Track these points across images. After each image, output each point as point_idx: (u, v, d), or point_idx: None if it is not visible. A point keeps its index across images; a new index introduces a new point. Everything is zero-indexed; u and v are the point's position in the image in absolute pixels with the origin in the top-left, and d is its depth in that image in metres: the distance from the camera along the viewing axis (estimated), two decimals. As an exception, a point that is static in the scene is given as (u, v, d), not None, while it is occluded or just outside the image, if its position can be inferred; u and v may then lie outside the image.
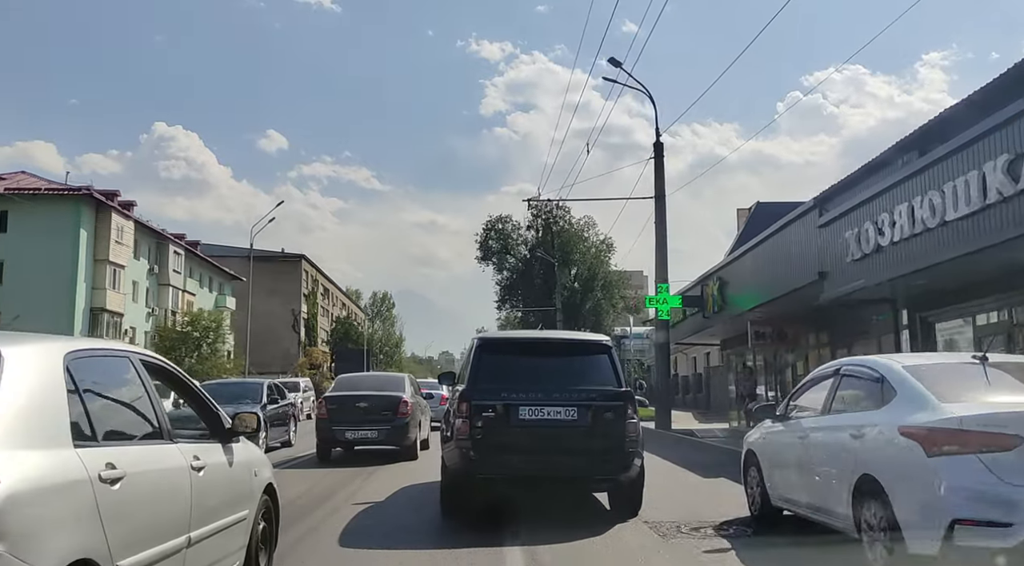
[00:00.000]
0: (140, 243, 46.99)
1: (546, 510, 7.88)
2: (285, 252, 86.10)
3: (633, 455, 7.44)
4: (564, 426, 7.29)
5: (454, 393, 8.43)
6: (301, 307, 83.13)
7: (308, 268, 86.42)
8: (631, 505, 7.73)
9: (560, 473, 7.44)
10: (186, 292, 51.06)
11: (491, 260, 61.67)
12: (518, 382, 7.46)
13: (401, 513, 8.29)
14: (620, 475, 7.41)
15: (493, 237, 61.50)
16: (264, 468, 5.10)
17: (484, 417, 7.23)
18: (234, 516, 4.36)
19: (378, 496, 9.28)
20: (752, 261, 16.23)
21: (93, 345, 3.72)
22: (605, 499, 8.34)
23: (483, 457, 7.21)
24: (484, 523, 7.26)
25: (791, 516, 7.07)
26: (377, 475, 11.50)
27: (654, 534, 7.00)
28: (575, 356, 8.18)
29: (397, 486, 10.13)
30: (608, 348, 8.10)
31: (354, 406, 13.37)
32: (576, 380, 7.67)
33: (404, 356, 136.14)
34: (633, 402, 7.64)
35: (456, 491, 7.67)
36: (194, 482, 3.85)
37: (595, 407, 7.34)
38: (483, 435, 7.22)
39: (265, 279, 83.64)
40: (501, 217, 61.92)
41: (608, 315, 61.45)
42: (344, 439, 13.47)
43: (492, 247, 61.66)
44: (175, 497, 3.68)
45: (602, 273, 60.82)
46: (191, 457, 3.92)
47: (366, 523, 7.61)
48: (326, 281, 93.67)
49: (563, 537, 6.66)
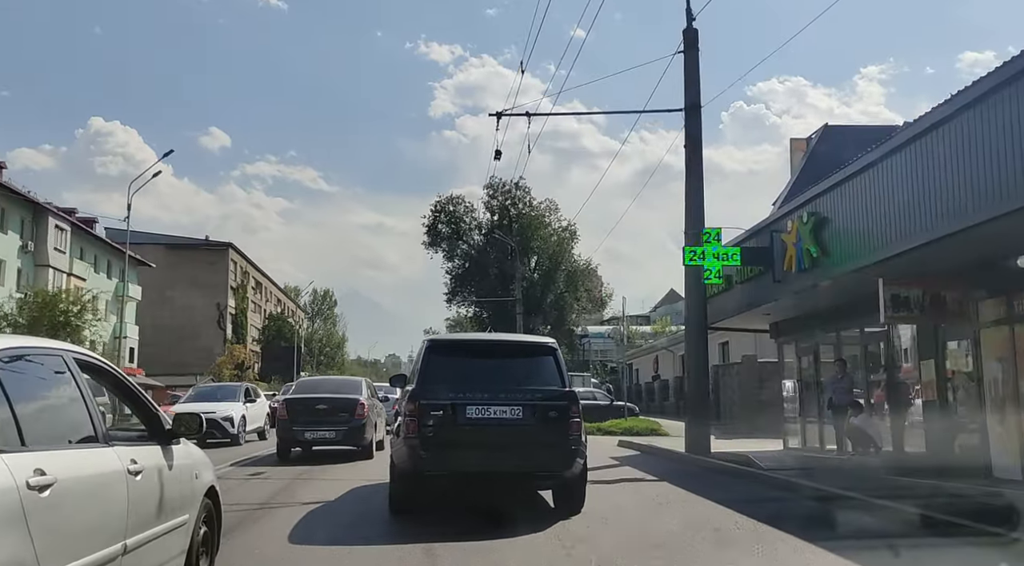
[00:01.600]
0: (9, 213, 38.37)
1: (492, 507, 7.41)
2: (209, 240, 77.43)
3: (576, 453, 7.50)
4: (510, 425, 7.39)
5: (404, 393, 8.36)
6: (228, 301, 74.48)
7: (236, 258, 77.77)
8: (574, 502, 7.80)
9: (506, 470, 7.50)
10: (73, 276, 42.48)
11: (440, 247, 54.35)
12: (466, 382, 7.54)
13: (350, 511, 8.34)
14: (564, 472, 7.51)
15: (443, 220, 54.18)
16: (206, 471, 4.95)
17: (432, 416, 7.33)
18: (173, 521, 4.27)
19: (329, 495, 9.24)
20: (891, 177, 9.36)
21: (23, 343, 3.63)
22: (549, 497, 8.30)
23: (431, 455, 7.28)
24: (431, 519, 7.51)
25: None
26: (330, 473, 11.71)
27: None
28: (521, 357, 8.35)
29: (348, 486, 10.04)
30: (553, 350, 8.14)
31: (313, 408, 13.78)
32: (522, 381, 7.78)
33: (347, 358, 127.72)
34: (576, 402, 7.64)
35: (404, 489, 7.68)
36: (131, 487, 3.73)
37: (540, 407, 7.48)
38: (431, 434, 7.30)
39: (186, 269, 75.08)
40: (452, 198, 54.73)
41: (571, 310, 54.66)
42: (303, 439, 13.90)
43: (442, 232, 54.34)
44: (110, 503, 3.55)
45: (565, 263, 54.00)
46: (128, 460, 3.78)
47: (314, 521, 7.60)
48: (258, 274, 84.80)
49: (507, 532, 6.69)
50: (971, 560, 6.03)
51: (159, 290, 72.35)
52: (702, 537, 6.91)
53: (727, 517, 7.86)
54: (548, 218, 54.79)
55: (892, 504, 7.72)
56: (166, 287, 72.72)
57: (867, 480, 9.38)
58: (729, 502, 8.50)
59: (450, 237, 54.26)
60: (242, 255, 79.12)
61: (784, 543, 6.45)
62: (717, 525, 7.43)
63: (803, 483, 9.75)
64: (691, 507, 8.81)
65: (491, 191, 53.80)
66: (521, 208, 54.28)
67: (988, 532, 6.23)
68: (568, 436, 7.43)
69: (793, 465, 11.85)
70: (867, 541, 6.83)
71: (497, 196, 53.93)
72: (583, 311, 55.66)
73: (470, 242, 54.81)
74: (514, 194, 53.74)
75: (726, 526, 7.40)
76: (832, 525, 7.52)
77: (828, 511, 8.18)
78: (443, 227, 54.29)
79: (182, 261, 73.35)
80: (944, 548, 6.31)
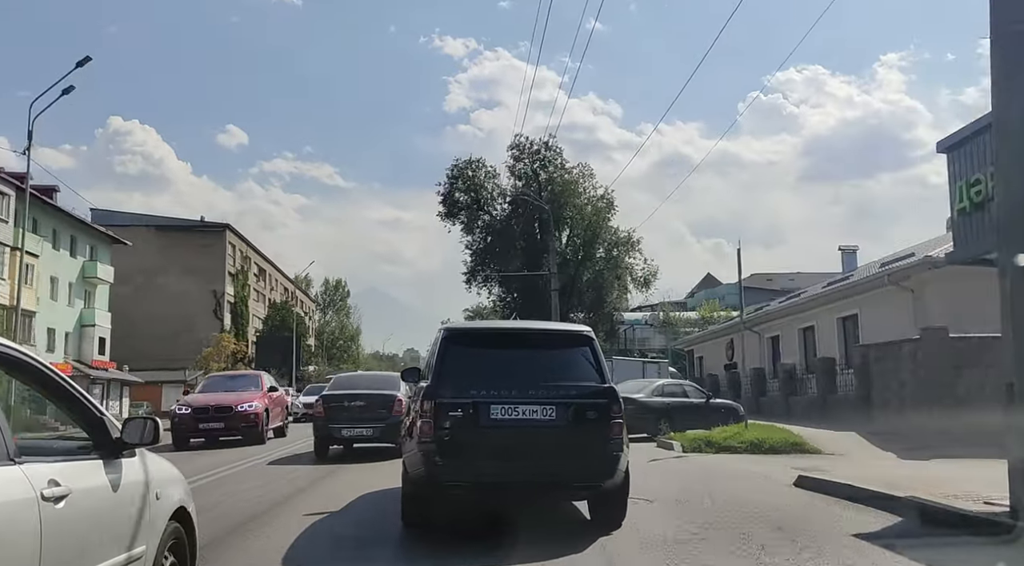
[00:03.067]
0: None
1: (519, 521, 6.60)
2: (205, 220, 70.49)
3: (617, 460, 6.57)
4: (540, 427, 6.48)
5: (417, 390, 7.45)
6: (225, 289, 67.50)
7: (235, 241, 70.78)
8: (614, 515, 6.89)
9: (535, 480, 6.58)
10: (24, 252, 35.28)
11: (458, 218, 46.80)
12: (489, 378, 6.63)
13: (358, 524, 7.61)
14: (603, 482, 6.60)
15: (461, 187, 46.61)
16: (172, 488, 4.17)
17: (450, 417, 6.41)
18: (118, 558, 3.43)
19: (335, 504, 8.37)
20: None
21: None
22: (585, 508, 7.40)
23: (449, 462, 6.37)
24: (448, 537, 6.71)
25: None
26: (341, 476, 11.21)
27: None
28: (552, 348, 7.36)
29: (359, 491, 9.27)
30: (590, 339, 7.14)
31: (350, 405, 13.55)
32: (554, 376, 6.81)
33: (362, 351, 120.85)
34: (618, 400, 6.67)
35: (418, 500, 6.81)
36: (46, 518, 2.90)
37: (575, 405, 6.56)
38: (449, 437, 6.38)
39: (179, 253, 68.14)
40: (471, 161, 47.03)
41: (611, 290, 46.88)
42: (341, 436, 13.67)
43: (460, 201, 46.79)
44: (12, 541, 2.72)
45: (604, 236, 46.21)
46: (44, 483, 2.96)
47: (318, 535, 6.92)
48: (261, 259, 77.77)
49: (538, 554, 5.83)
50: None
51: (149, 276, 65.68)
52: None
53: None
54: (583, 184, 47.06)
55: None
56: (157, 273, 66.02)
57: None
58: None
59: (469, 207, 46.71)
60: (241, 238, 72.14)
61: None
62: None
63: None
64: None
65: (517, 153, 46.19)
66: (552, 172, 46.55)
67: None
68: (609, 440, 6.49)
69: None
70: None
71: (524, 158, 46.27)
72: (624, 292, 47.76)
73: (492, 212, 47.22)
74: (544, 156, 46.07)
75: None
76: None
77: None
78: (461, 195, 46.74)
79: (174, 245, 66.55)
80: None
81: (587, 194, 46.75)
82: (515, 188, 46.48)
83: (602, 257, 46.39)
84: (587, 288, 45.51)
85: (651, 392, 17.71)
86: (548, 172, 46.41)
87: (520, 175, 46.29)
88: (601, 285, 45.87)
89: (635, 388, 17.58)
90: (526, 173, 46.18)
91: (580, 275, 45.08)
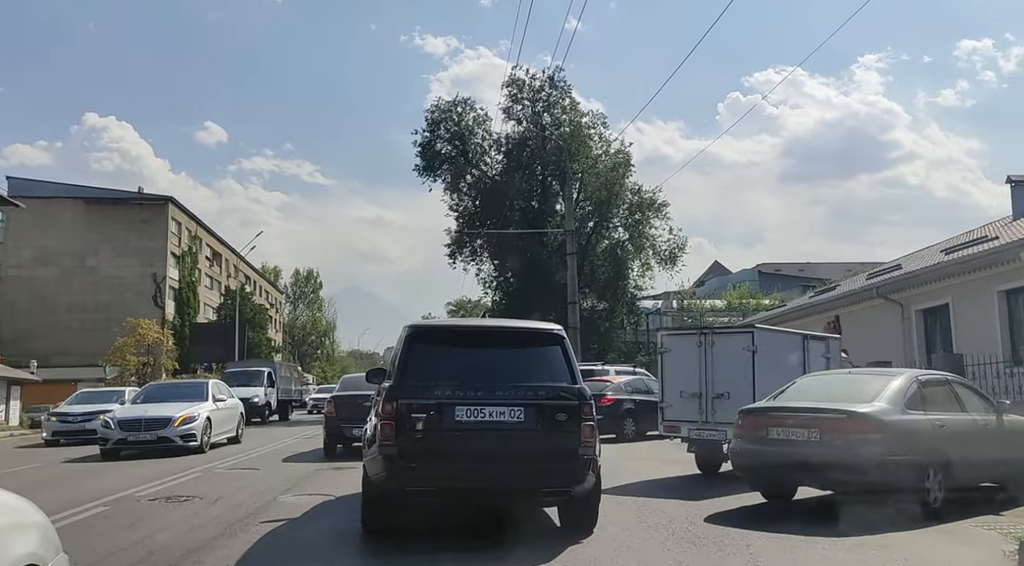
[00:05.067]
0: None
1: (484, 529, 6.67)
2: (143, 193, 60.28)
3: (589, 464, 6.34)
4: (508, 429, 6.20)
5: (380, 391, 7.09)
6: (167, 272, 57.44)
7: (180, 218, 60.77)
8: (585, 522, 6.71)
9: (503, 485, 6.30)
10: None
11: (438, 174, 37.16)
12: (454, 378, 6.33)
13: (317, 532, 7.20)
14: (573, 487, 6.34)
15: (443, 135, 36.99)
16: (14, 537, 3.05)
17: (413, 419, 6.14)
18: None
19: (294, 512, 8.05)
20: None
21: None
22: (555, 514, 7.13)
23: (411, 466, 6.11)
24: (412, 545, 6.37)
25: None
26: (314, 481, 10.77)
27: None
28: (522, 348, 7.04)
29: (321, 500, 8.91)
30: (560, 338, 6.85)
31: (360, 404, 13.47)
32: (523, 376, 6.53)
33: (338, 348, 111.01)
34: (590, 402, 6.40)
35: (379, 506, 6.51)
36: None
37: (545, 407, 6.30)
38: (412, 440, 6.12)
39: (114, 231, 58.09)
40: (457, 102, 37.36)
41: (632, 264, 37.38)
42: (351, 435, 13.89)
43: (442, 152, 37.18)
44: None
45: (623, 196, 36.74)
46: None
47: (273, 544, 6.53)
48: (215, 242, 67.54)
49: (504, 560, 5.75)
50: None
51: (77, 258, 55.75)
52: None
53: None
54: (592, 132, 37.50)
55: None
56: (87, 254, 56.14)
57: None
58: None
59: (454, 159, 37.08)
60: (188, 213, 62.08)
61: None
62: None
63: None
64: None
65: (515, 91, 36.62)
66: (558, 116, 36.99)
67: None
68: (580, 444, 6.25)
69: None
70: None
71: (523, 98, 36.70)
72: (646, 268, 38.22)
73: (483, 166, 37.60)
74: (548, 96, 36.54)
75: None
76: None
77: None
78: (444, 145, 37.18)
79: (106, 220, 56.61)
80: None
81: (602, 145, 37.30)
82: (512, 136, 36.89)
83: (620, 223, 36.94)
84: (602, 261, 36.05)
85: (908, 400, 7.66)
86: (554, 115, 36.89)
87: (519, 117, 36.70)
88: (620, 258, 36.39)
89: (876, 389, 7.79)
90: (526, 116, 36.60)
91: (594, 245, 35.74)
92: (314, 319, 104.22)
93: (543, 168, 36.65)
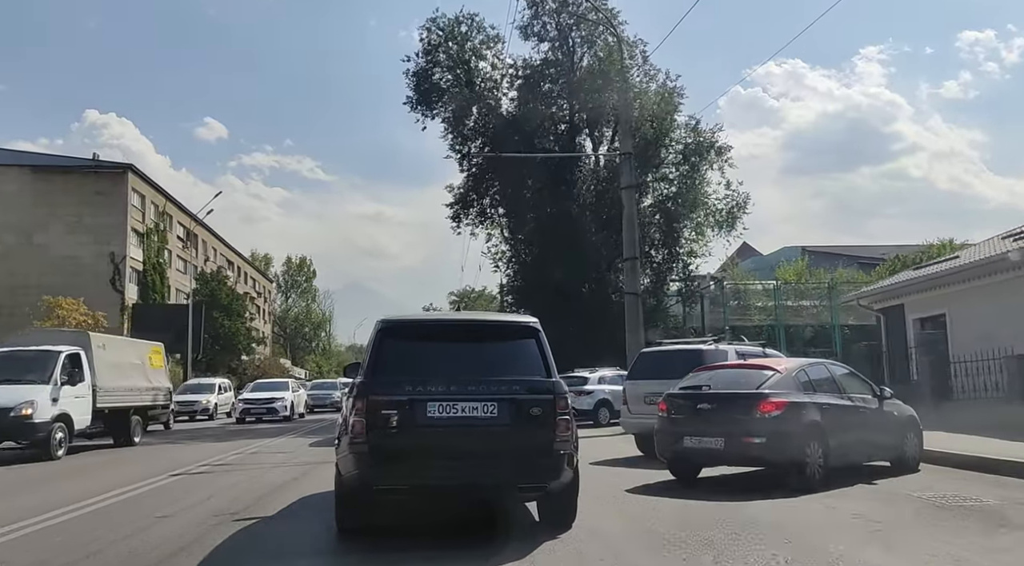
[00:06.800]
0: None
1: (461, 524, 6.75)
2: (99, 160, 52.32)
3: (565, 459, 6.26)
4: (482, 425, 6.12)
5: (351, 387, 6.94)
6: (126, 252, 49.62)
7: (144, 190, 52.96)
8: (563, 516, 6.65)
9: (477, 482, 6.19)
10: None
11: (436, 108, 29.09)
12: (427, 373, 6.25)
13: (290, 531, 7.07)
14: (549, 482, 6.30)
15: (443, 62, 28.91)
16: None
17: (384, 415, 6.04)
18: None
19: (268, 509, 7.97)
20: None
21: None
22: (534, 508, 7.10)
23: (383, 464, 6.02)
24: (386, 542, 6.32)
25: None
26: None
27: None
28: (496, 342, 6.90)
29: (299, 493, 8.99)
30: (535, 331, 6.69)
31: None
32: (497, 370, 6.41)
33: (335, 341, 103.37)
34: (565, 396, 6.35)
35: (353, 505, 6.45)
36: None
37: (519, 402, 6.21)
38: (383, 437, 6.02)
39: (66, 204, 50.41)
40: (461, 18, 29.20)
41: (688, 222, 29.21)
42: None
43: (440, 82, 29.10)
44: None
45: (675, 135, 28.67)
46: None
47: (245, 543, 6.47)
48: (187, 218, 59.31)
49: (480, 559, 5.61)
50: None
51: (23, 234, 48.09)
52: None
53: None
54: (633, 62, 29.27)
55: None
56: (35, 230, 48.43)
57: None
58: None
59: (454, 89, 28.96)
60: (153, 186, 54.21)
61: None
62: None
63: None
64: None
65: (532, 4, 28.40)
66: (591, 34, 28.86)
67: None
68: (555, 438, 6.17)
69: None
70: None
71: (543, 14, 28.55)
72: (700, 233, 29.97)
73: (493, 101, 29.48)
74: (579, 6, 28.39)
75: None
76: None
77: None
78: (444, 73, 29.07)
79: (57, 192, 48.94)
80: None
81: (644, 79, 29.15)
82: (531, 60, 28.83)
83: (671, 170, 28.81)
84: (653, 216, 27.92)
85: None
86: (584, 34, 28.74)
87: (540, 35, 28.54)
88: (672, 213, 28.25)
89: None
90: (549, 33, 28.48)
91: (641, 194, 27.49)
92: (308, 310, 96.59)
93: (570, 102, 28.58)
